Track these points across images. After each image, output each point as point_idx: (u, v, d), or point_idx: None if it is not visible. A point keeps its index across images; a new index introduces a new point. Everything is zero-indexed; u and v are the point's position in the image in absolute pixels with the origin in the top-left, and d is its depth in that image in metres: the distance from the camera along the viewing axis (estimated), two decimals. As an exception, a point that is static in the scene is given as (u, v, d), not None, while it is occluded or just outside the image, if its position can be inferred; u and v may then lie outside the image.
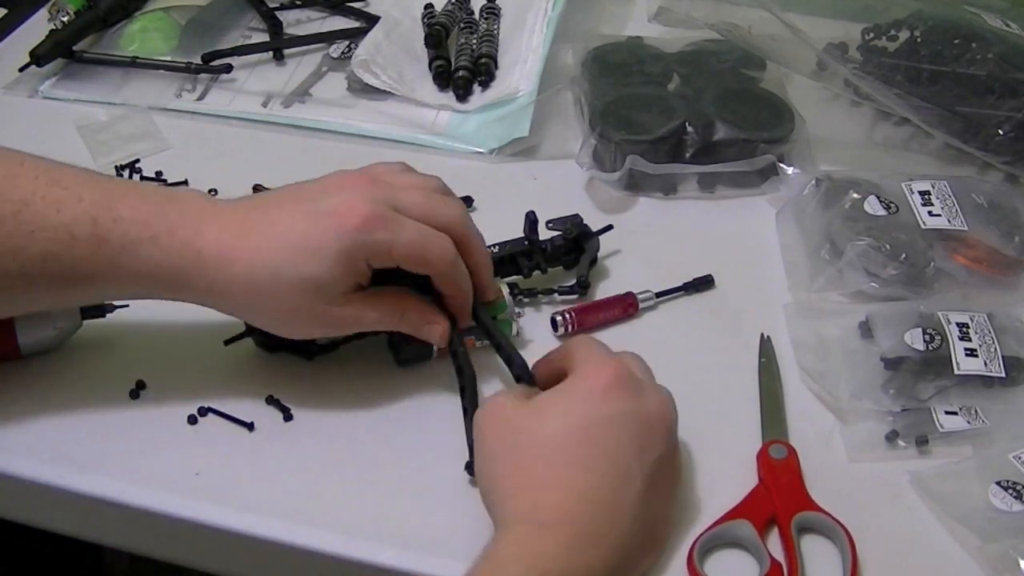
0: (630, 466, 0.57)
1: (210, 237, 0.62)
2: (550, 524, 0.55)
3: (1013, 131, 0.86)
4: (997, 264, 0.78)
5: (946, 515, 0.63)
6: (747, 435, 0.68)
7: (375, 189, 0.63)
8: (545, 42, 0.99)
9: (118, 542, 0.72)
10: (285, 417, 0.68)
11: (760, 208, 0.85)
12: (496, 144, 0.91)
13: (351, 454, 0.67)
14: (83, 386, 0.71)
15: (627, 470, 0.57)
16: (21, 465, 0.66)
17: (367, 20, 1.06)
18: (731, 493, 0.64)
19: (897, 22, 0.96)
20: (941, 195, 0.80)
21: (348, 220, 0.61)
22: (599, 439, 0.57)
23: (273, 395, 0.69)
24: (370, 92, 0.97)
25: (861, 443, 0.67)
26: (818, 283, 0.77)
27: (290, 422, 0.68)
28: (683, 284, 0.78)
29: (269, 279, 0.62)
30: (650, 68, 0.93)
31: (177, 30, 1.04)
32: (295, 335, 0.66)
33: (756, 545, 0.61)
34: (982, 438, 0.66)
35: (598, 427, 0.57)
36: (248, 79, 1.00)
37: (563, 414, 0.58)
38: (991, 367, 0.69)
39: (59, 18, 1.02)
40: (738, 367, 0.72)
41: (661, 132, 0.85)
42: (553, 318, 0.74)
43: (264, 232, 0.62)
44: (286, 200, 0.64)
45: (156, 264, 0.62)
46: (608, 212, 0.86)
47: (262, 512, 0.63)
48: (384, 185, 0.64)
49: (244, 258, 0.62)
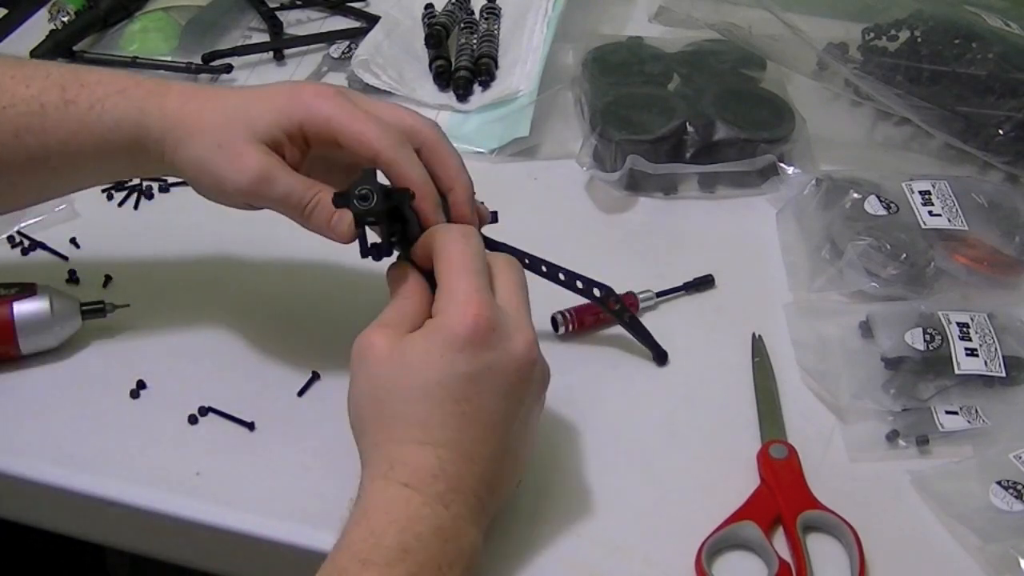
0: (493, 418, 0.57)
1: (176, 88, 0.66)
2: (413, 485, 0.55)
3: (1013, 131, 0.86)
4: (997, 264, 0.78)
5: (947, 515, 0.63)
6: (747, 435, 0.68)
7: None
8: (545, 42, 0.99)
9: (119, 542, 0.72)
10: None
11: (760, 208, 0.85)
12: (496, 144, 0.91)
13: (351, 454, 0.66)
14: (83, 386, 0.71)
15: (490, 422, 0.57)
16: (21, 465, 0.66)
17: (367, 20, 1.06)
18: (733, 494, 0.64)
19: (897, 22, 0.96)
20: (941, 195, 0.80)
21: (301, 87, 0.65)
22: (461, 398, 0.56)
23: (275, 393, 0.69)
24: (370, 92, 0.97)
25: (862, 443, 0.67)
26: (818, 283, 0.77)
27: (290, 422, 0.68)
28: (683, 284, 0.78)
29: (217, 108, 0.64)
30: (650, 68, 0.93)
31: (177, 30, 1.04)
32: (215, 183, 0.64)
33: (763, 546, 0.61)
34: (983, 438, 0.66)
35: (458, 385, 0.56)
36: (248, 79, 1.00)
37: (423, 368, 0.56)
38: (991, 367, 0.69)
39: (59, 18, 1.02)
40: (738, 367, 0.72)
41: (661, 132, 0.85)
42: (553, 317, 0.74)
43: (227, 89, 0.68)
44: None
45: (122, 113, 0.64)
46: (608, 212, 0.86)
47: (262, 512, 0.63)
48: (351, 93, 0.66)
49: (204, 94, 0.66)
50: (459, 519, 0.55)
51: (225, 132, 0.63)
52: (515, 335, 0.58)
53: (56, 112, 0.65)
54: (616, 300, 0.72)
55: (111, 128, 0.65)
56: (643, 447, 0.68)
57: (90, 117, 0.65)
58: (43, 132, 0.65)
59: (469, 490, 0.56)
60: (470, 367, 0.56)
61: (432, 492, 0.55)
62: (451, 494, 0.55)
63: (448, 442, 0.56)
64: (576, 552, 0.62)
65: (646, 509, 0.64)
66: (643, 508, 0.64)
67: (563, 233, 0.83)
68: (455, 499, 0.55)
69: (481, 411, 0.57)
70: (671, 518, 0.63)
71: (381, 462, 0.56)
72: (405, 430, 0.56)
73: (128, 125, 0.65)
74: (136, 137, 0.65)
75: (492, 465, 0.57)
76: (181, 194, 0.86)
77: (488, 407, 0.57)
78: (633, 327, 0.73)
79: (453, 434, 0.56)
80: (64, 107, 0.65)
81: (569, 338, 0.75)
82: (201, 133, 0.64)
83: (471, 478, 0.56)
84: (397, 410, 0.57)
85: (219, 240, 0.81)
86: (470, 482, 0.56)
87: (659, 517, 0.64)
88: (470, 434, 0.56)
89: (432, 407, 0.56)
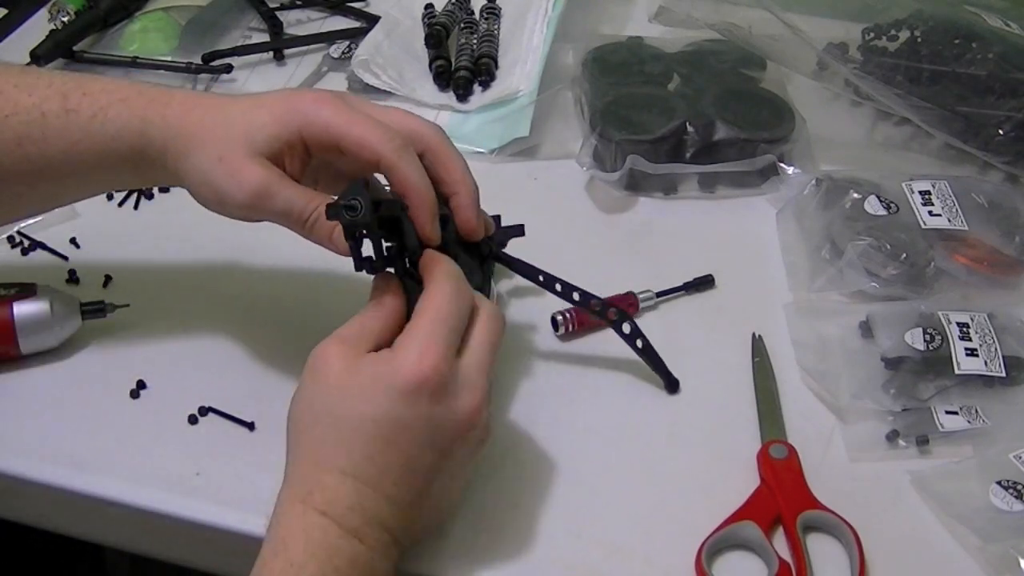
0: (418, 466, 0.57)
1: (179, 96, 0.65)
2: (330, 515, 0.55)
3: (1013, 131, 0.86)
4: (997, 264, 0.78)
5: (947, 515, 0.63)
6: (747, 435, 0.68)
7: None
8: (545, 42, 0.99)
9: (119, 542, 0.72)
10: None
11: (760, 208, 0.85)
12: (496, 144, 0.91)
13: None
14: (83, 386, 0.71)
15: (415, 468, 0.57)
16: (21, 465, 0.66)
17: (367, 20, 1.06)
18: (733, 494, 0.64)
19: (897, 22, 0.96)
20: (941, 195, 0.80)
21: (300, 94, 0.64)
22: (392, 439, 0.56)
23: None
24: (370, 92, 0.97)
25: (862, 443, 0.67)
26: (818, 283, 0.77)
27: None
28: (683, 284, 0.78)
29: (217, 118, 0.63)
30: (650, 68, 0.93)
31: (177, 30, 1.04)
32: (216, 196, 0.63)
33: (763, 546, 0.61)
34: (983, 438, 0.66)
35: (395, 428, 0.56)
36: (248, 79, 1.00)
37: (363, 400, 0.56)
38: (991, 367, 0.69)
39: (59, 18, 1.02)
40: (738, 367, 0.72)
41: (661, 132, 0.85)
42: (553, 317, 0.74)
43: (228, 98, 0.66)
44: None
45: (124, 122, 0.64)
46: (608, 212, 0.86)
47: (262, 512, 0.63)
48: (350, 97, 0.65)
49: (206, 103, 0.65)
50: (373, 552, 0.55)
51: (225, 145, 0.62)
52: (463, 396, 0.57)
53: (57, 120, 0.64)
54: (630, 323, 0.70)
55: (113, 137, 0.64)
56: (643, 447, 0.68)
57: (92, 126, 0.64)
58: (44, 141, 0.64)
59: (382, 527, 0.56)
60: (407, 414, 0.55)
61: (348, 525, 0.55)
62: (366, 528, 0.55)
63: (369, 479, 0.56)
64: (576, 552, 0.62)
65: (646, 509, 0.64)
66: (643, 508, 0.64)
67: (563, 233, 0.83)
68: (369, 533, 0.55)
69: (408, 457, 0.56)
70: (671, 518, 0.63)
71: (301, 483, 0.56)
72: (332, 455, 0.56)
73: (130, 134, 0.64)
74: (138, 147, 0.64)
75: (410, 511, 0.57)
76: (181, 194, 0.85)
77: (415, 455, 0.56)
78: (646, 353, 0.70)
79: (375, 472, 0.56)
80: (65, 115, 0.64)
81: (569, 338, 0.75)
82: (202, 144, 0.63)
83: (387, 517, 0.56)
84: (328, 434, 0.56)
85: (219, 240, 0.81)
86: (386, 520, 0.56)
87: (659, 517, 0.64)
88: (392, 476, 0.56)
89: (361, 441, 0.56)
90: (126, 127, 0.64)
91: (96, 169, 0.66)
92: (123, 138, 0.64)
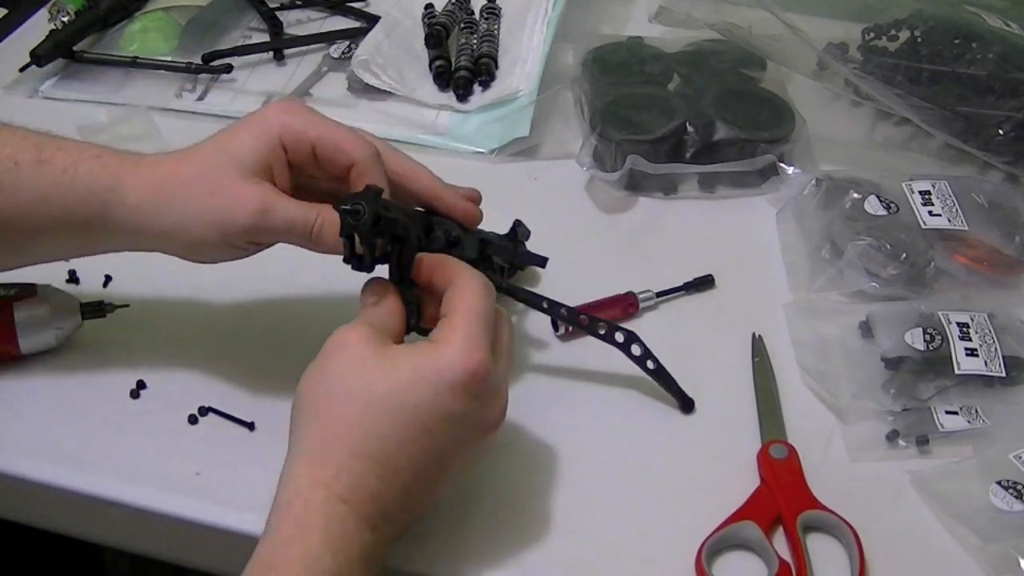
0: (443, 458, 0.57)
1: (149, 156, 0.66)
2: (351, 502, 0.54)
3: (1013, 131, 0.86)
4: (997, 264, 0.78)
5: (947, 515, 0.63)
6: (747, 435, 0.68)
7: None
8: (545, 42, 0.99)
9: (118, 542, 0.72)
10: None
11: (760, 208, 0.85)
12: (496, 144, 0.91)
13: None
14: (83, 386, 0.71)
15: (439, 462, 0.57)
16: (21, 465, 0.66)
17: (367, 20, 1.06)
18: (733, 494, 0.64)
19: (897, 22, 0.96)
20: (941, 195, 0.80)
21: (269, 107, 0.65)
22: (427, 429, 0.56)
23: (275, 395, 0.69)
24: (370, 92, 0.97)
25: (862, 443, 0.67)
26: (818, 283, 0.77)
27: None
28: (683, 284, 0.78)
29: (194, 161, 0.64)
30: (650, 68, 0.93)
31: (177, 30, 1.04)
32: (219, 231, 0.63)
33: (763, 546, 0.61)
34: (983, 438, 0.66)
35: (431, 418, 0.55)
36: (248, 79, 1.00)
37: (407, 387, 0.56)
38: (991, 367, 0.69)
39: (59, 18, 1.02)
40: (738, 367, 0.72)
41: (661, 132, 0.85)
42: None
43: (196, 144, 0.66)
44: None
45: (95, 178, 0.63)
46: (608, 212, 0.86)
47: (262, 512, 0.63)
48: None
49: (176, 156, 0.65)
50: (379, 545, 0.55)
51: (213, 178, 0.62)
52: (497, 396, 0.58)
53: (29, 170, 0.63)
54: (640, 346, 0.69)
55: (83, 191, 0.63)
56: (643, 446, 0.68)
57: (63, 179, 0.63)
58: (16, 191, 0.63)
59: (392, 519, 0.56)
60: (450, 407, 0.56)
61: (364, 513, 0.54)
62: (379, 518, 0.55)
63: (396, 468, 0.55)
64: (575, 551, 0.62)
65: (646, 509, 0.64)
66: (643, 508, 0.64)
67: (563, 233, 0.83)
68: (380, 523, 0.55)
69: (435, 449, 0.56)
70: (671, 518, 0.63)
71: (326, 463, 0.55)
72: (361, 440, 0.55)
73: (101, 190, 0.63)
74: (105, 203, 0.63)
75: (416, 504, 0.57)
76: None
77: (442, 448, 0.56)
78: (659, 374, 0.69)
79: (401, 461, 0.55)
80: (39, 166, 0.64)
81: (568, 338, 0.75)
82: (186, 188, 0.63)
83: (399, 508, 0.56)
84: (358, 415, 0.56)
85: (219, 240, 0.81)
86: (398, 512, 0.56)
87: (659, 517, 0.64)
88: (415, 467, 0.56)
89: (397, 426, 0.55)
90: (97, 182, 0.63)
91: (61, 225, 0.65)
92: (94, 193, 0.63)
